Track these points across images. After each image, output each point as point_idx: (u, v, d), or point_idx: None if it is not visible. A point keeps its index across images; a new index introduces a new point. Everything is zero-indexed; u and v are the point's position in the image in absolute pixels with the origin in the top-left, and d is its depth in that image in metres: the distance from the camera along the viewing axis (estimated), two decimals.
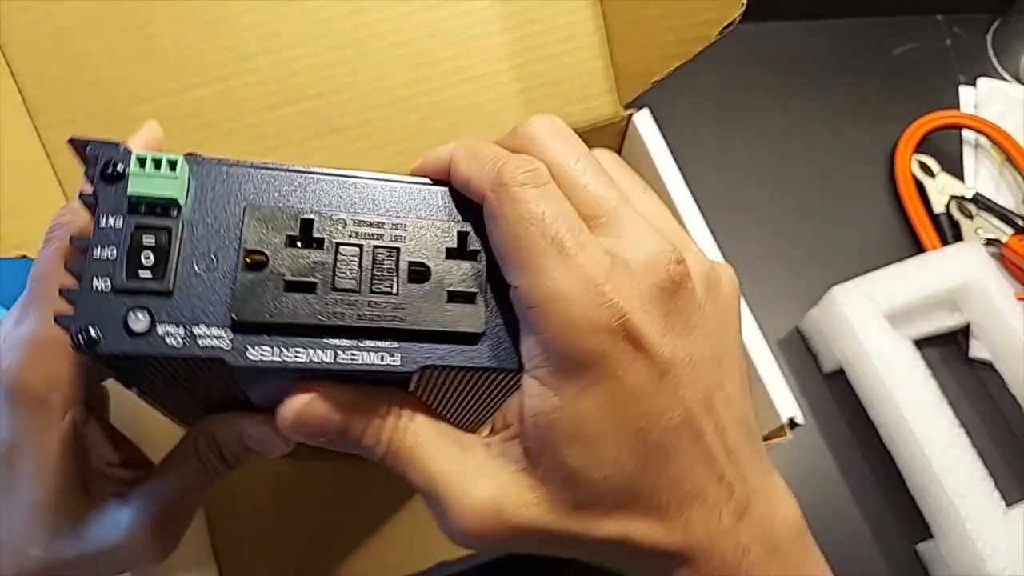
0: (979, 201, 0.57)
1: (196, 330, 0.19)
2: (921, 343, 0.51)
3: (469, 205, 0.21)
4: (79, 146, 0.20)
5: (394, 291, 0.20)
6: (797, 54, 0.65)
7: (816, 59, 0.65)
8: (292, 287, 0.19)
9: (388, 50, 0.38)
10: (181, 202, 0.19)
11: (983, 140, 0.61)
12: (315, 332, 0.19)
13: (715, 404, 0.21)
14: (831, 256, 0.56)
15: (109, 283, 0.19)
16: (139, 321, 0.19)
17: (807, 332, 0.54)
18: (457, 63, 0.39)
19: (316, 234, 0.20)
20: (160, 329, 0.19)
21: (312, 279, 0.19)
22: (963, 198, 0.57)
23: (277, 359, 0.19)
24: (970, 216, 0.56)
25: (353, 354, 0.20)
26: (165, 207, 0.19)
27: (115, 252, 0.19)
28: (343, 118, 0.38)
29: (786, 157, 0.60)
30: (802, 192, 0.59)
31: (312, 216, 0.20)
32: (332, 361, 0.19)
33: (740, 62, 0.64)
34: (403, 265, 0.20)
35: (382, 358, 0.20)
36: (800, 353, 0.54)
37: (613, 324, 0.19)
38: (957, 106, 0.63)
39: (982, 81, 0.64)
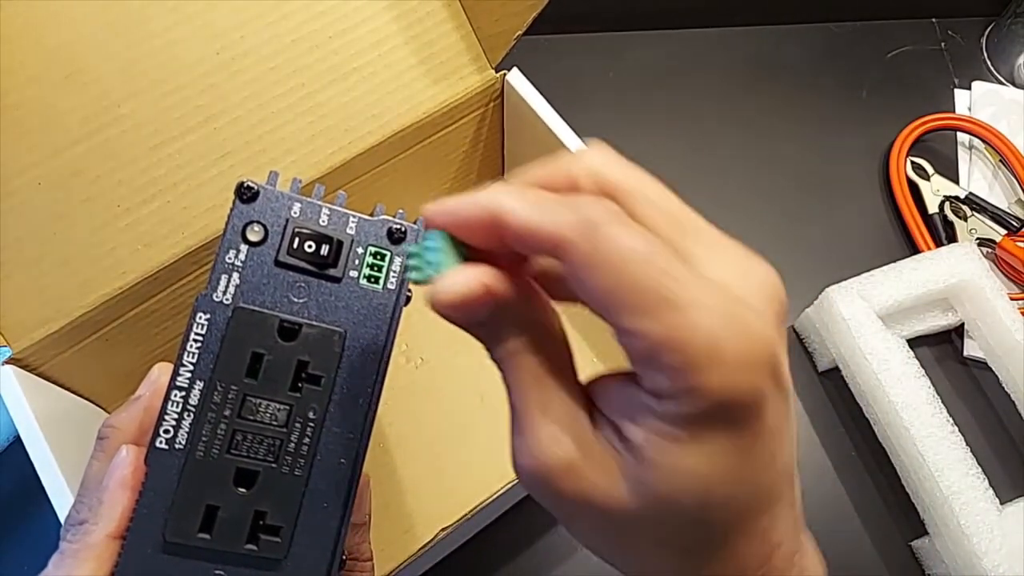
0: (973, 202, 0.57)
1: None
2: (915, 342, 0.52)
3: None
4: None
5: None
6: (792, 57, 0.65)
7: (811, 62, 0.65)
8: None
9: (255, 67, 0.38)
10: None
11: (977, 142, 0.61)
12: None
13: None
14: (826, 256, 0.57)
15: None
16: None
17: (803, 331, 0.54)
18: (326, 64, 0.40)
19: None
20: None
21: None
22: (957, 199, 0.58)
23: None
24: (964, 217, 0.57)
25: None
26: None
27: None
28: (230, 142, 0.38)
29: (782, 159, 0.61)
30: (797, 193, 0.60)
31: None
32: None
33: (736, 65, 0.65)
34: None
35: None
36: (796, 352, 0.54)
37: (769, 358, 0.17)
38: (952, 108, 0.64)
39: (976, 84, 0.64)
